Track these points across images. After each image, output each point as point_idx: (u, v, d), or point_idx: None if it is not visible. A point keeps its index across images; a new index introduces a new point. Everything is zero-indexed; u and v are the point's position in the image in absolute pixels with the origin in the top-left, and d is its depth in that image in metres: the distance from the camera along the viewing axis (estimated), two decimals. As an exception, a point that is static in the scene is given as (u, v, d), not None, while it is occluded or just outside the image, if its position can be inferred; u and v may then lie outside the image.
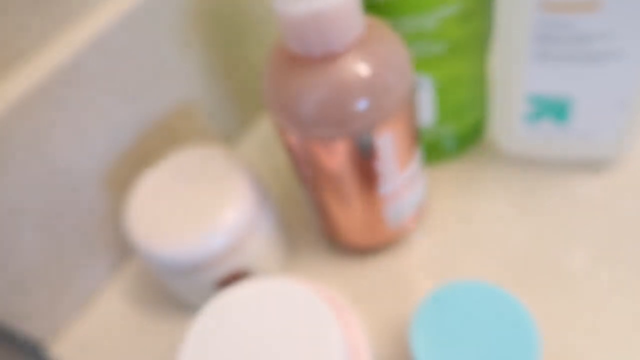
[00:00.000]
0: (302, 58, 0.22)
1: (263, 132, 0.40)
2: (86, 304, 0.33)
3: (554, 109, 0.28)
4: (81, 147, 0.29)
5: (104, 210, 0.32)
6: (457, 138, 0.33)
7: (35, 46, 0.27)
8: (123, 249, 0.34)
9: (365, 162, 0.24)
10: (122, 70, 0.30)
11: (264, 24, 0.38)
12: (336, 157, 0.23)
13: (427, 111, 0.30)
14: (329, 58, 0.21)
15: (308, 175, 0.26)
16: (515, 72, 0.27)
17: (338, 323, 0.18)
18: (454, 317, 0.23)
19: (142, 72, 0.31)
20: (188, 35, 0.33)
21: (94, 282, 0.33)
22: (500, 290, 0.23)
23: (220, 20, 0.35)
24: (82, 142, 0.29)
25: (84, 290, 0.33)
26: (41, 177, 0.28)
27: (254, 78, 0.39)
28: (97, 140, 0.30)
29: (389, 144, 0.24)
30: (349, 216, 0.27)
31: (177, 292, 0.29)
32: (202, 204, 0.27)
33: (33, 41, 0.27)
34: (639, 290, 0.26)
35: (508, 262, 0.29)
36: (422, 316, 0.23)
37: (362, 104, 0.22)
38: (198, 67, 0.34)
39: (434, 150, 0.33)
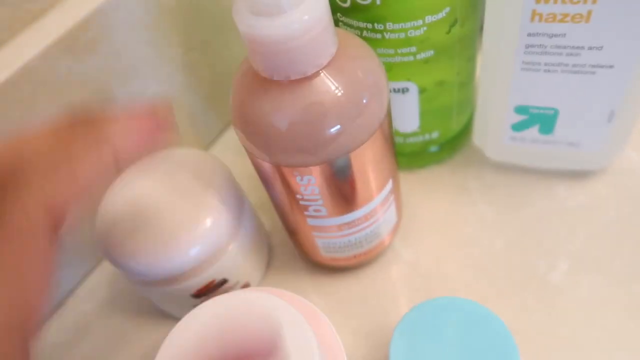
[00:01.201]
0: (271, 80, 0.20)
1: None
2: (58, 307, 0.32)
3: (539, 119, 0.28)
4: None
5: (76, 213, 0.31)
6: (442, 144, 0.32)
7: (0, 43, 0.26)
8: (96, 253, 0.33)
9: (340, 186, 0.23)
10: (95, 69, 0.28)
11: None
12: (309, 183, 0.22)
13: (412, 117, 0.30)
14: (300, 81, 0.20)
15: (279, 198, 0.25)
16: (501, 82, 0.27)
17: (311, 329, 0.17)
18: (432, 335, 0.23)
19: (112, 71, 0.29)
20: (163, 30, 0.31)
21: (66, 285, 0.32)
22: (479, 306, 0.23)
23: (199, 18, 0.33)
24: (52, 144, 0.28)
25: (55, 293, 0.31)
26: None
27: (231, 75, 0.38)
28: (68, 141, 0.29)
29: (365, 166, 0.23)
30: (323, 238, 0.26)
31: (152, 300, 0.28)
32: (179, 210, 0.26)
33: (-3, 38, 0.26)
34: (618, 300, 0.27)
35: (488, 271, 0.29)
36: (400, 335, 0.23)
37: (335, 128, 0.21)
38: (175, 67, 0.33)
39: (418, 156, 0.32)
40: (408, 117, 0.30)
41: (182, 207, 0.26)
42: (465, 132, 0.33)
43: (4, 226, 0.14)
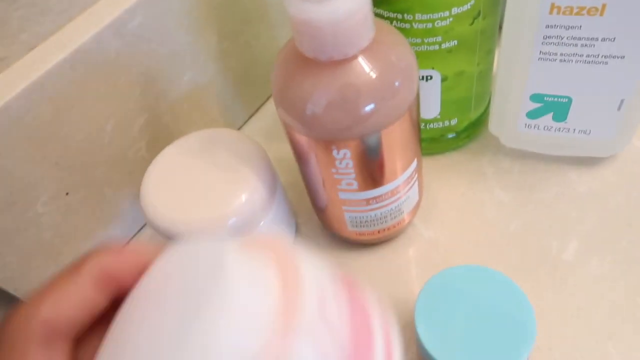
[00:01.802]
0: (313, 60, 0.22)
1: (269, 119, 0.41)
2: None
3: (554, 108, 0.30)
4: (97, 127, 0.30)
5: (119, 186, 0.33)
6: (459, 131, 0.34)
7: (58, 27, 0.28)
8: (137, 222, 0.35)
9: (372, 161, 0.25)
10: (138, 53, 0.30)
11: (273, 11, 0.39)
12: (344, 157, 0.24)
13: (433, 104, 0.32)
14: (340, 62, 0.22)
15: (313, 173, 0.27)
16: (519, 71, 0.29)
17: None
18: (455, 300, 0.24)
19: (155, 55, 0.31)
20: (199, 21, 0.33)
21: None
22: (498, 274, 0.25)
23: (232, 9, 0.35)
24: (98, 122, 0.30)
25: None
26: (56, 153, 0.29)
27: (261, 66, 0.40)
28: (111, 120, 0.31)
29: (394, 144, 0.25)
30: (351, 212, 0.28)
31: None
32: (216, 185, 0.28)
33: (56, 23, 0.28)
34: (624, 277, 0.28)
35: (504, 249, 0.31)
36: (425, 300, 0.25)
37: (370, 107, 0.23)
38: (209, 55, 0.35)
39: (437, 141, 0.34)
40: (430, 104, 0.31)
41: (220, 181, 0.28)
42: (481, 121, 0.35)
43: None
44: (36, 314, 0.14)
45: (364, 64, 0.22)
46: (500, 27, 0.29)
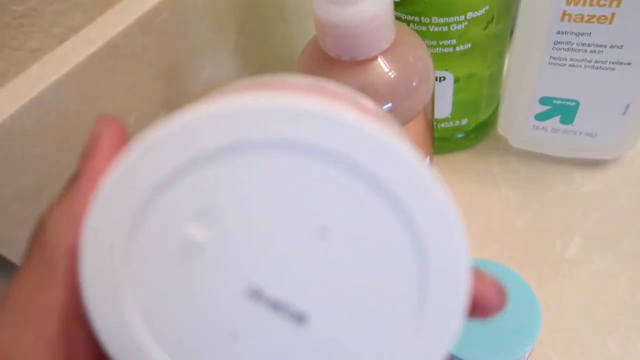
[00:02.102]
0: (335, 60, 0.23)
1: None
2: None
3: (561, 110, 0.31)
4: (121, 119, 0.31)
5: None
6: (469, 131, 0.35)
7: (88, 22, 0.29)
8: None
9: None
10: (162, 48, 0.31)
11: (290, 10, 0.40)
12: None
13: (445, 104, 0.33)
14: (361, 62, 0.23)
15: None
16: (529, 74, 0.30)
17: None
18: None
19: (178, 51, 0.32)
20: (222, 17, 0.34)
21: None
22: (503, 266, 0.26)
23: (252, 7, 0.36)
24: (123, 114, 0.31)
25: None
26: (83, 144, 0.30)
27: (278, 64, 0.41)
28: (135, 112, 0.32)
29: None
30: None
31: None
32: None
33: (86, 17, 0.29)
34: (625, 274, 0.30)
35: (509, 245, 0.32)
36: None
37: (387, 106, 0.24)
38: (228, 50, 0.36)
39: (447, 141, 0.35)
40: (442, 104, 0.33)
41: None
42: (490, 122, 0.36)
43: None
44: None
45: (383, 65, 0.23)
46: (512, 32, 0.30)
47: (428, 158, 0.29)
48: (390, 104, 0.24)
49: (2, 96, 0.26)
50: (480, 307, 0.14)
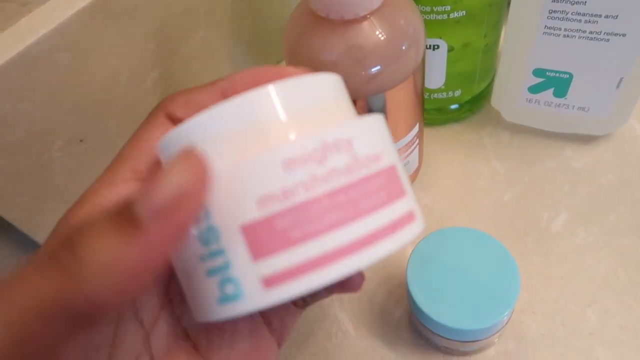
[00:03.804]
0: (324, 20, 0.23)
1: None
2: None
3: (555, 83, 0.31)
4: (112, 77, 0.31)
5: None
6: (463, 103, 0.35)
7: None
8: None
9: None
10: (155, 7, 0.31)
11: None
12: None
13: (438, 74, 0.32)
14: (350, 22, 0.23)
15: None
16: (523, 45, 0.30)
17: None
18: (445, 259, 0.26)
19: (171, 11, 0.32)
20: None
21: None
22: (486, 235, 0.26)
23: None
24: (113, 72, 0.31)
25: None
26: (73, 100, 0.30)
27: (273, 29, 0.40)
28: (126, 71, 0.32)
29: (398, 106, 0.26)
30: None
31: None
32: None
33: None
34: (609, 249, 0.30)
35: (496, 217, 0.32)
36: (417, 259, 0.26)
37: (376, 69, 0.24)
38: (223, 13, 0.36)
39: (440, 112, 0.35)
40: (436, 74, 0.32)
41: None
42: (484, 95, 0.36)
43: None
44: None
45: (373, 26, 0.23)
46: (509, 2, 0.30)
47: (417, 126, 0.29)
48: (378, 67, 0.24)
49: (-9, 49, 0.26)
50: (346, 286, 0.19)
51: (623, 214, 0.31)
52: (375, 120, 0.16)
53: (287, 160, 0.14)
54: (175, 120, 0.17)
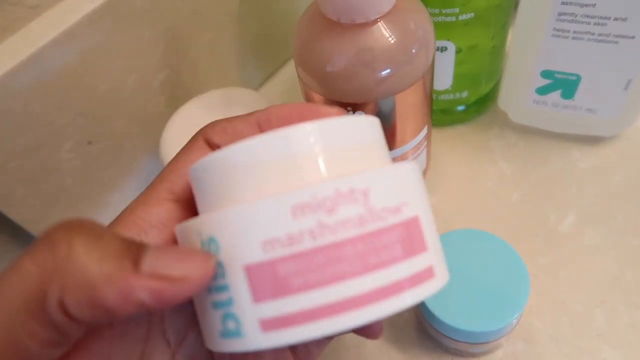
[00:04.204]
0: (335, 23, 0.23)
1: (284, 83, 0.42)
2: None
3: (563, 84, 0.31)
4: (120, 79, 0.31)
5: (138, 138, 0.34)
6: (470, 104, 0.35)
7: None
8: (154, 175, 0.36)
9: (385, 124, 0.26)
10: (162, 9, 0.31)
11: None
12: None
13: (446, 75, 0.32)
14: (361, 26, 0.23)
15: None
16: (532, 47, 0.30)
17: None
18: (453, 260, 0.26)
19: (179, 13, 0.32)
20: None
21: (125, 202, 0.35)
22: (495, 237, 0.26)
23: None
24: (121, 74, 0.31)
25: (116, 208, 0.35)
26: (81, 103, 0.30)
27: (279, 30, 0.41)
28: (134, 73, 0.32)
29: (407, 109, 0.26)
30: None
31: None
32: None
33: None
34: (616, 250, 0.30)
35: (503, 218, 0.32)
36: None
37: (386, 72, 0.24)
38: (230, 14, 0.36)
39: (447, 113, 0.35)
40: (443, 75, 0.32)
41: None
42: (490, 96, 0.36)
43: None
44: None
45: (383, 29, 0.23)
46: (516, 5, 0.30)
47: (426, 127, 0.29)
48: (388, 70, 0.24)
49: (1, 52, 0.26)
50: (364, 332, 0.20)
51: (630, 214, 0.31)
52: (403, 169, 0.15)
53: (296, 205, 0.13)
54: (212, 146, 0.18)
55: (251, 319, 0.14)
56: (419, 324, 0.29)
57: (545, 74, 0.31)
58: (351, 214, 0.14)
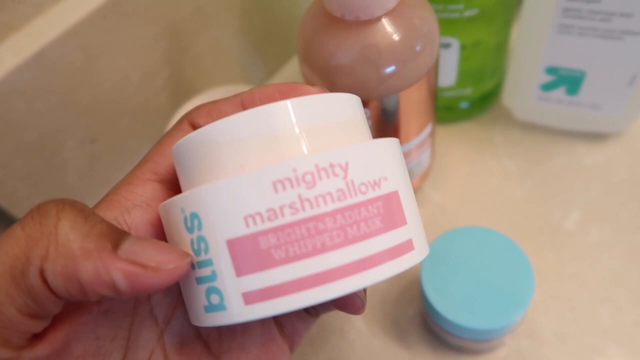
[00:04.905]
0: (339, 20, 0.23)
1: (287, 79, 0.42)
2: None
3: (567, 81, 0.31)
4: (123, 77, 0.31)
5: (141, 136, 0.34)
6: (474, 101, 0.35)
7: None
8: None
9: (387, 123, 0.26)
10: (166, 7, 0.31)
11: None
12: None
13: (450, 72, 0.32)
14: (365, 22, 0.23)
15: None
16: (537, 43, 0.29)
17: None
18: (459, 258, 0.26)
19: (182, 10, 0.32)
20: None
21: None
22: (500, 234, 0.26)
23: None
24: (125, 72, 0.31)
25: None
26: (85, 101, 0.30)
27: (282, 27, 0.40)
28: (137, 71, 0.32)
29: (410, 108, 0.26)
30: None
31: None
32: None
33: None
34: (621, 247, 0.30)
35: (508, 215, 0.32)
36: (430, 258, 0.26)
37: (390, 69, 0.24)
38: (233, 11, 0.36)
39: (451, 110, 0.35)
40: (447, 72, 0.32)
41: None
42: (494, 93, 0.36)
43: None
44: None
45: (388, 26, 0.23)
46: (521, 0, 0.29)
47: (430, 125, 0.29)
48: (393, 67, 0.24)
49: (4, 50, 0.26)
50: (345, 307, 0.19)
51: (635, 211, 0.31)
52: (382, 144, 0.15)
53: (277, 180, 0.14)
54: (197, 128, 0.18)
55: (234, 293, 0.14)
56: (424, 321, 0.29)
57: (550, 70, 0.30)
58: (331, 188, 0.14)
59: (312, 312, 0.20)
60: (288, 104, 0.15)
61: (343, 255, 0.14)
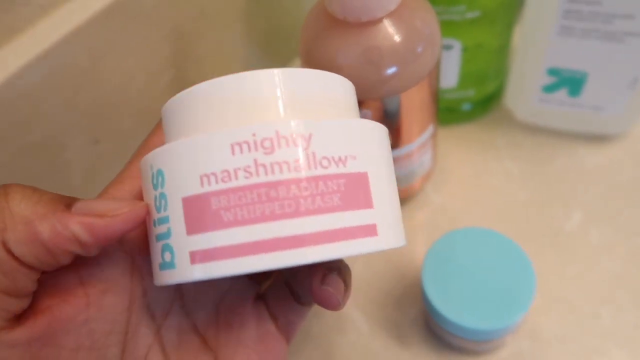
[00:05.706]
0: (341, 22, 0.23)
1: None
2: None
3: (569, 82, 0.31)
4: (127, 79, 0.31)
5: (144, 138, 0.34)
6: (476, 102, 0.35)
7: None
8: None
9: (388, 125, 0.26)
10: (170, 9, 0.31)
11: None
12: (365, 117, 0.25)
13: (451, 74, 0.32)
14: (367, 24, 0.23)
15: None
16: (538, 44, 0.30)
17: None
18: (460, 259, 0.26)
19: (186, 13, 0.32)
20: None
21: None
22: (501, 236, 0.26)
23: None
24: (129, 74, 0.31)
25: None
26: (89, 102, 0.30)
27: (285, 29, 0.41)
28: (141, 73, 0.32)
29: (412, 109, 0.26)
30: None
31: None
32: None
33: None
34: (623, 249, 0.30)
35: (509, 217, 0.32)
36: (432, 259, 0.26)
37: (392, 70, 0.24)
38: (236, 14, 0.36)
39: (453, 112, 0.35)
40: (448, 73, 0.32)
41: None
42: (496, 95, 0.36)
43: None
44: None
45: (389, 27, 0.23)
46: (523, 2, 0.29)
47: (431, 125, 0.29)
48: (394, 68, 0.24)
49: (10, 51, 0.27)
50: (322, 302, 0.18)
51: (637, 212, 0.31)
52: (358, 124, 0.15)
53: (235, 143, 0.14)
54: None
55: (183, 251, 0.14)
56: (425, 322, 0.29)
57: (552, 71, 0.31)
58: (289, 157, 0.14)
59: (305, 301, 0.20)
60: (274, 71, 0.15)
61: (291, 226, 0.13)
